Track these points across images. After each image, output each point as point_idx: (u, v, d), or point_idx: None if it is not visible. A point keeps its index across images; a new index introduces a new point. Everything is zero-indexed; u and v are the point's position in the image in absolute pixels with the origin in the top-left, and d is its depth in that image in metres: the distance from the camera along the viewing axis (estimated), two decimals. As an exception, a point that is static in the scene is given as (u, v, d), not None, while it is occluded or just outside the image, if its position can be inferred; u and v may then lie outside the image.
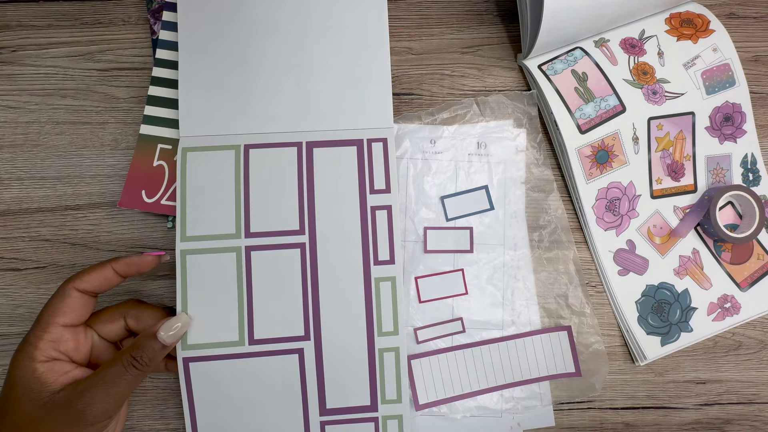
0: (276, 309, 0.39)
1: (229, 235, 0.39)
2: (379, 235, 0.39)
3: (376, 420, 0.39)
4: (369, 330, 0.39)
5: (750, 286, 0.43)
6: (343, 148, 0.41)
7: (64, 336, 0.34)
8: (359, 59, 0.42)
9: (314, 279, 0.39)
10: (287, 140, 0.41)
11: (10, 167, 0.43)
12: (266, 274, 0.39)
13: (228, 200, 0.39)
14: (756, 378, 0.43)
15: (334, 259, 0.39)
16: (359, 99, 0.41)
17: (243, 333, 0.38)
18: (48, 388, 0.32)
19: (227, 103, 0.41)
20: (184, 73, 0.41)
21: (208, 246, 0.39)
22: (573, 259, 0.42)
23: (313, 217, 0.39)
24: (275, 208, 0.40)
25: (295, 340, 0.39)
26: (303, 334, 0.39)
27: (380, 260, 0.39)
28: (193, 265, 0.38)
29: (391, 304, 0.39)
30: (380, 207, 0.40)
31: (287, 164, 0.40)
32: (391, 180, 0.40)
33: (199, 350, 0.38)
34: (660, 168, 0.44)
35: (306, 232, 0.39)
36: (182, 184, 0.39)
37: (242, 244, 0.39)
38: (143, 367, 0.33)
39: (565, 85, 0.42)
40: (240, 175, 0.40)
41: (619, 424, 0.42)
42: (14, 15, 0.44)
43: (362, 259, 0.39)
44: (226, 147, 0.40)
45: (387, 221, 0.40)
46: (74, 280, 0.34)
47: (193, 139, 0.40)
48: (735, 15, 0.47)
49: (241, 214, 0.39)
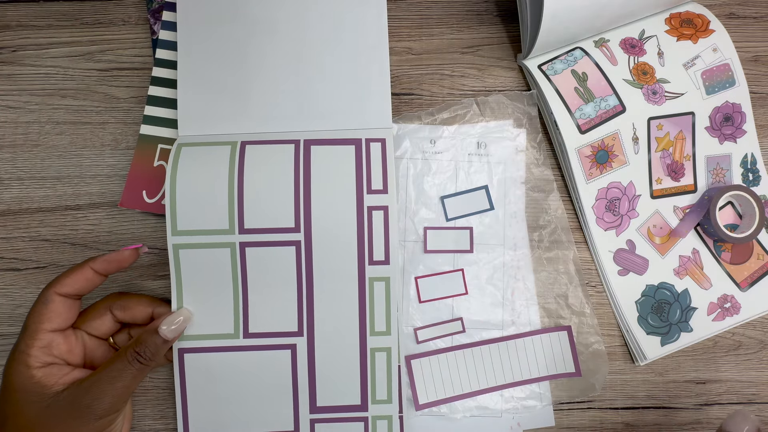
0: (271, 304, 0.39)
1: (223, 231, 0.38)
2: (375, 235, 0.39)
3: (365, 420, 0.39)
4: (362, 329, 0.39)
5: (750, 286, 0.43)
6: (341, 146, 0.40)
7: (54, 340, 0.34)
8: (359, 59, 0.42)
9: (309, 277, 0.39)
10: (285, 138, 0.41)
11: (10, 167, 0.43)
12: (261, 270, 0.39)
13: (221, 195, 0.39)
14: (756, 378, 0.43)
15: (329, 258, 0.39)
16: (358, 99, 0.41)
17: (238, 326, 0.39)
18: (50, 390, 0.32)
19: (226, 104, 0.41)
20: (183, 74, 0.41)
21: (201, 241, 0.38)
22: (573, 259, 0.42)
23: (309, 215, 0.39)
24: (270, 204, 0.39)
25: (288, 335, 0.39)
26: (297, 330, 0.39)
27: (375, 260, 0.39)
28: (186, 260, 0.38)
29: (385, 304, 0.39)
30: (377, 207, 0.39)
31: (284, 161, 0.40)
32: (388, 180, 0.40)
33: (195, 341, 0.38)
34: (660, 168, 0.44)
35: (301, 230, 0.39)
36: (172, 176, 0.38)
37: (236, 240, 0.39)
38: (146, 361, 0.34)
39: (565, 85, 0.42)
40: (234, 170, 0.39)
41: (619, 424, 0.42)
42: (14, 15, 0.44)
43: (357, 258, 0.39)
44: (222, 143, 0.40)
45: (383, 221, 0.39)
46: (55, 284, 0.34)
47: (191, 138, 0.40)
48: (735, 15, 0.47)
49: (234, 210, 0.39)
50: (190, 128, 0.41)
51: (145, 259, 0.42)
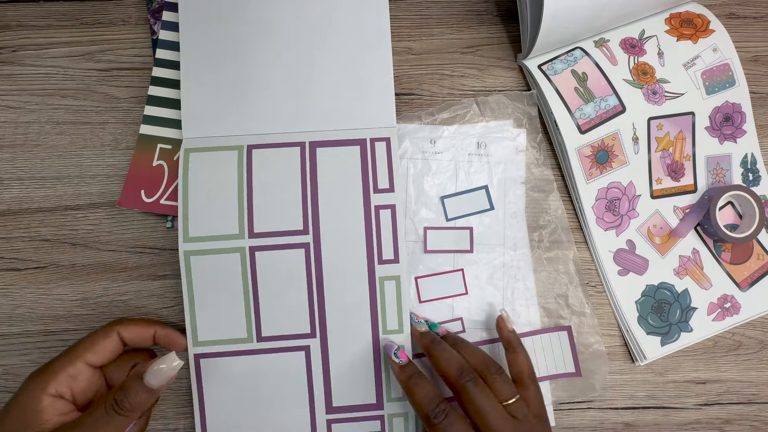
0: (282, 307, 0.39)
1: (233, 236, 0.39)
2: (383, 234, 0.39)
3: (381, 418, 0.39)
4: (374, 328, 0.39)
5: (750, 286, 0.43)
6: (346, 147, 0.41)
7: (82, 374, 0.33)
8: (361, 59, 0.42)
9: (319, 278, 0.39)
10: (290, 140, 0.41)
11: (10, 167, 0.43)
12: (271, 274, 0.39)
13: (231, 201, 0.39)
14: (756, 378, 0.43)
15: (339, 259, 0.39)
16: (361, 99, 0.42)
17: (251, 330, 0.39)
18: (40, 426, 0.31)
19: (230, 104, 0.41)
20: (186, 75, 0.41)
21: (212, 247, 0.39)
22: (573, 259, 0.42)
23: (317, 217, 0.39)
24: (279, 208, 0.40)
25: (301, 337, 0.39)
26: (309, 332, 0.39)
27: (384, 259, 0.39)
28: (197, 266, 0.39)
29: (396, 302, 0.39)
30: (384, 206, 0.40)
31: (290, 164, 0.40)
32: (394, 179, 0.40)
33: (210, 347, 0.39)
34: (660, 168, 0.44)
35: (310, 232, 0.39)
36: (184, 184, 0.39)
37: (246, 244, 0.39)
38: (126, 413, 0.31)
39: (565, 85, 0.42)
40: (243, 175, 0.40)
41: (619, 424, 0.42)
42: (14, 15, 0.44)
43: (366, 258, 0.39)
44: (229, 147, 0.40)
45: (391, 220, 0.40)
46: (121, 325, 0.35)
47: (196, 140, 0.40)
48: (735, 15, 0.47)
49: (244, 215, 0.39)
50: (195, 130, 0.41)
51: (145, 260, 0.42)
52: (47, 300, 0.41)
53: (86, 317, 0.41)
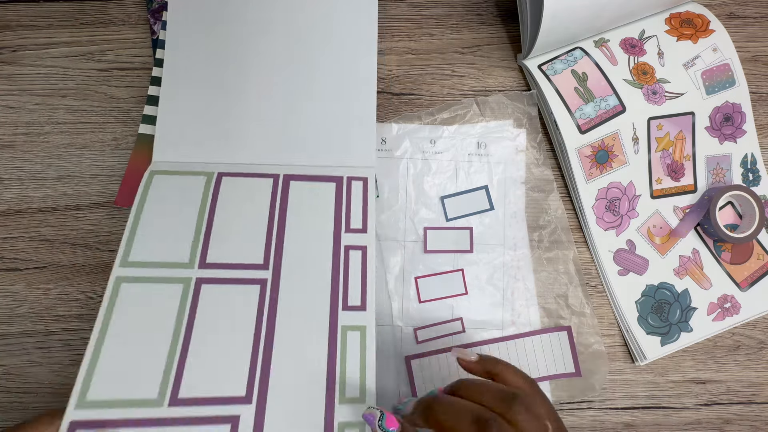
0: (216, 355, 0.32)
1: (181, 264, 0.35)
2: (352, 276, 0.35)
3: None
4: (329, 396, 0.31)
5: (750, 286, 0.43)
6: (321, 183, 0.39)
7: None
8: (346, 96, 0.41)
9: (271, 322, 0.34)
10: (264, 171, 0.39)
11: (10, 167, 0.43)
12: (214, 312, 0.34)
13: (187, 226, 0.36)
14: (756, 378, 0.43)
15: (298, 300, 0.35)
16: (342, 135, 0.40)
17: (165, 388, 0.31)
18: None
19: (206, 131, 0.40)
20: (165, 98, 0.40)
21: (152, 274, 0.34)
22: (573, 259, 0.42)
23: (281, 252, 0.36)
24: (239, 238, 0.36)
25: (231, 402, 0.31)
26: (244, 395, 0.31)
27: (350, 305, 0.35)
28: (126, 295, 0.33)
29: (359, 361, 0.33)
30: (355, 247, 0.37)
31: (260, 194, 0.38)
32: (368, 221, 0.37)
33: (99, 410, 0.30)
34: (660, 168, 0.44)
35: (270, 267, 0.35)
36: (139, 206, 0.37)
37: (194, 275, 0.35)
38: None
39: (565, 85, 0.42)
40: (207, 201, 0.37)
41: (619, 424, 0.42)
42: (14, 15, 0.44)
43: (330, 301, 0.35)
44: (198, 173, 0.38)
45: (361, 262, 0.36)
46: None
47: (166, 164, 0.39)
48: (735, 15, 0.47)
49: (199, 242, 0.36)
50: (167, 153, 0.39)
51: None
52: (47, 300, 0.41)
53: (86, 317, 0.41)
